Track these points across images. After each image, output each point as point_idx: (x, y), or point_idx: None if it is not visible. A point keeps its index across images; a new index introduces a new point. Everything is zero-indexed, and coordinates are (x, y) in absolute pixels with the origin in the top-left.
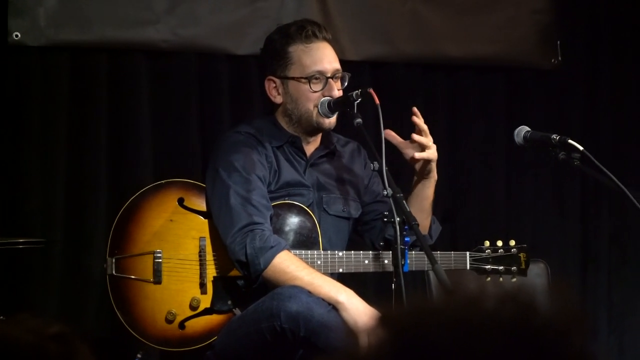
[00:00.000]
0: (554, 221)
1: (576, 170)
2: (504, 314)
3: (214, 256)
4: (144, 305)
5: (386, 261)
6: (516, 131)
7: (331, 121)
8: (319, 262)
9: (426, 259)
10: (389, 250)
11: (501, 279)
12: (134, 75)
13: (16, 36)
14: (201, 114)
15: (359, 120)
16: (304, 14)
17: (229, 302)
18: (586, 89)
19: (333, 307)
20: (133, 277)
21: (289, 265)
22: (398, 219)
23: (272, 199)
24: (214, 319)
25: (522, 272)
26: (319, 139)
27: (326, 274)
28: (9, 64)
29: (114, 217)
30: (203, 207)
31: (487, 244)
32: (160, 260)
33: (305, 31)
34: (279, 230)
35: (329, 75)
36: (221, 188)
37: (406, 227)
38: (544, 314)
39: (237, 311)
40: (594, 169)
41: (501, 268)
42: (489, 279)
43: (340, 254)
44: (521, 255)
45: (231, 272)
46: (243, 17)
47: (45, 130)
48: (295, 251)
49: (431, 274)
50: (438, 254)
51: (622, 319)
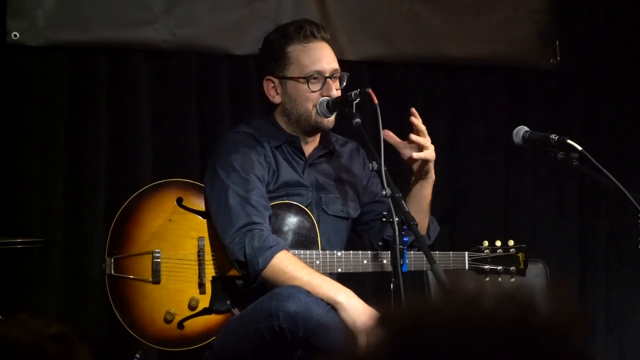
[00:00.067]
0: (552, 221)
1: (575, 170)
2: (502, 314)
3: (212, 256)
4: (142, 305)
5: (385, 261)
6: (515, 131)
7: (330, 121)
8: (317, 262)
9: (425, 259)
10: (387, 250)
11: (500, 279)
12: (133, 75)
13: (15, 36)
14: (200, 114)
15: (358, 120)
16: (302, 13)
17: (228, 302)
18: (585, 89)
19: (332, 307)
20: (132, 277)
21: (288, 265)
22: (397, 219)
23: (271, 199)
24: (212, 319)
25: (521, 272)
26: (317, 138)
27: (325, 273)
28: (8, 64)
29: (113, 217)
30: (202, 207)
31: (486, 244)
32: (159, 260)
33: (303, 31)
34: (277, 230)
35: (327, 75)
36: (220, 188)
37: (405, 227)
38: (542, 314)
39: (236, 311)
40: (592, 169)
41: (500, 268)
42: (487, 279)
43: (339, 253)
44: (520, 255)
45: (230, 272)
46: (242, 17)
47: (45, 131)
48: (294, 251)
49: (430, 274)
50: (437, 254)
51: (621, 319)
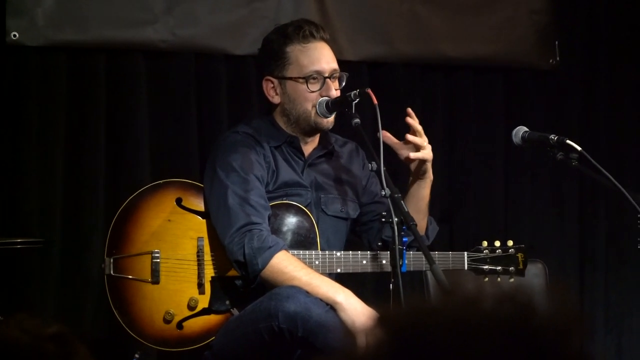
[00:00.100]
0: (552, 221)
1: (574, 170)
2: (502, 314)
3: (212, 256)
4: (141, 305)
5: (384, 261)
6: (514, 131)
7: (329, 121)
8: (317, 262)
9: (424, 259)
10: (386, 251)
11: (499, 279)
12: (132, 75)
13: (14, 36)
14: (199, 114)
15: (357, 120)
16: (301, 14)
17: (227, 302)
18: (584, 89)
19: (331, 307)
20: (131, 277)
21: (287, 266)
22: (396, 219)
23: (270, 199)
24: (212, 319)
25: (520, 273)
26: (317, 139)
27: (324, 274)
28: (7, 64)
29: (112, 217)
30: (201, 207)
31: (485, 244)
32: (158, 261)
33: (302, 31)
34: (277, 231)
35: (326, 75)
36: (219, 188)
37: (404, 227)
38: (541, 314)
39: (235, 311)
40: (591, 169)
41: (499, 268)
42: (486, 279)
43: (338, 254)
44: (519, 255)
45: (229, 272)
46: (241, 18)
47: (44, 131)
48: (293, 251)
49: (429, 274)
50: (436, 254)
51: (620, 319)
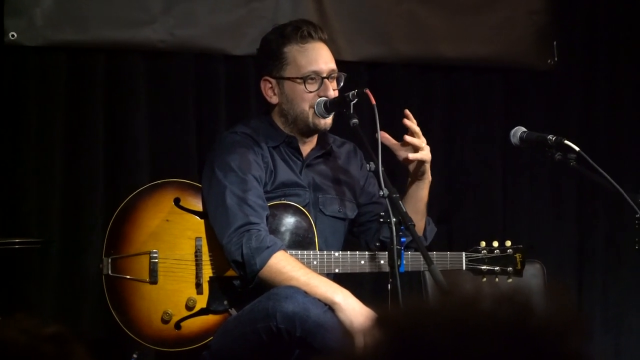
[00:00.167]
0: (550, 222)
1: (572, 170)
2: (500, 315)
3: (210, 256)
4: (140, 305)
5: (382, 262)
6: (512, 132)
7: (327, 122)
8: (315, 263)
9: (422, 259)
10: (384, 251)
11: (497, 279)
12: (131, 75)
13: (13, 36)
14: (198, 114)
15: (355, 120)
16: (300, 14)
17: (225, 303)
18: (583, 89)
19: (329, 307)
20: (129, 277)
21: (285, 266)
22: (394, 219)
23: (268, 199)
24: (210, 319)
25: (518, 273)
26: (315, 139)
27: (322, 274)
28: (6, 64)
29: (111, 217)
30: (199, 207)
31: (483, 244)
32: (156, 261)
33: (300, 31)
34: (275, 231)
35: (324, 75)
36: (217, 188)
37: (402, 228)
38: (540, 314)
39: (233, 311)
40: (590, 170)
41: (497, 269)
42: (485, 279)
43: (337, 254)
44: (517, 255)
45: (227, 273)
46: (240, 18)
47: (42, 131)
48: (291, 251)
49: (427, 274)
50: (434, 254)
51: (618, 319)
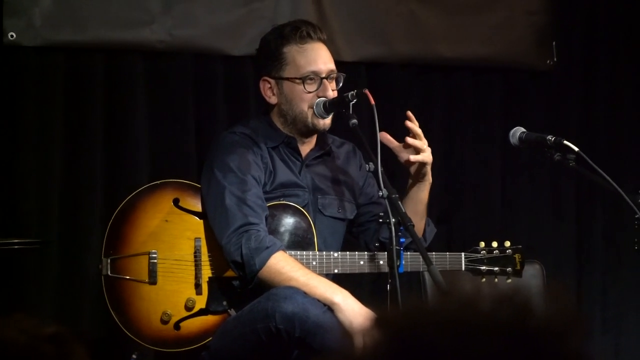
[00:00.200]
0: (549, 222)
1: (571, 171)
2: (499, 315)
3: (209, 257)
4: (139, 305)
5: (381, 262)
6: (511, 132)
7: (326, 122)
8: (314, 263)
9: (421, 260)
10: (383, 252)
11: (496, 280)
12: (129, 75)
13: (11, 36)
14: (197, 114)
15: (355, 121)
16: (299, 14)
17: (224, 303)
18: (582, 89)
19: (328, 308)
20: (128, 277)
21: (284, 266)
22: (393, 219)
23: (268, 200)
24: (209, 319)
25: (517, 273)
26: (314, 139)
27: (321, 274)
28: (5, 64)
29: (110, 217)
30: (198, 207)
31: (482, 244)
32: (155, 261)
33: (299, 32)
34: (274, 231)
35: (323, 75)
36: (216, 188)
37: (401, 228)
38: (539, 315)
39: (233, 312)
40: (589, 170)
41: (496, 269)
42: (484, 280)
43: (336, 254)
44: (516, 256)
45: (226, 273)
46: (239, 18)
47: (41, 131)
48: (290, 252)
49: (426, 275)
50: (433, 254)
51: (618, 320)
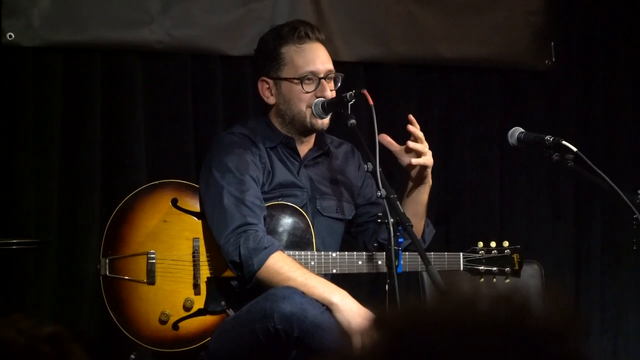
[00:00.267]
0: (548, 222)
1: (570, 171)
2: (498, 315)
3: (207, 257)
4: (137, 305)
5: (380, 262)
6: (510, 132)
7: (324, 122)
8: (312, 263)
9: (420, 260)
10: (382, 252)
11: (494, 280)
12: (128, 76)
13: (10, 37)
14: (195, 114)
15: (353, 121)
16: (298, 14)
17: (223, 303)
18: (580, 90)
19: (327, 308)
20: (127, 277)
21: (283, 266)
22: (392, 220)
23: (266, 200)
24: (207, 319)
25: (516, 273)
26: (312, 139)
27: (320, 274)
28: (3, 64)
29: (108, 217)
30: (197, 207)
31: (481, 244)
32: (153, 261)
33: (297, 32)
34: (272, 231)
35: (321, 75)
36: (215, 189)
37: (400, 228)
38: (538, 315)
39: (231, 312)
40: (587, 170)
41: (494, 269)
42: (482, 280)
43: (334, 254)
44: (514, 256)
45: (225, 273)
46: (237, 18)
47: (39, 131)
48: (288, 252)
49: (425, 275)
50: (432, 254)
51: (616, 320)
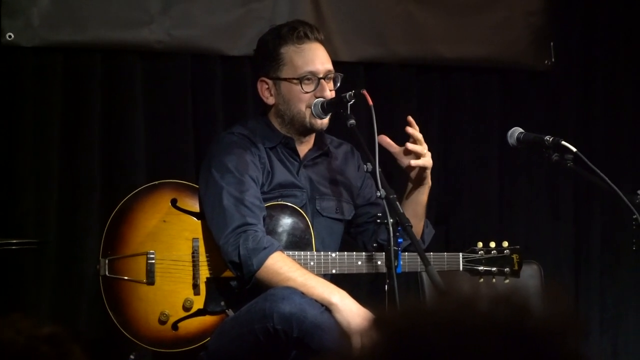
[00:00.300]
0: (547, 222)
1: (569, 171)
2: (497, 316)
3: (207, 257)
4: (137, 306)
5: (379, 262)
6: (509, 132)
7: (323, 122)
8: (312, 263)
9: (419, 260)
10: (382, 252)
11: (494, 280)
12: (128, 76)
13: (9, 37)
14: (195, 114)
15: (353, 121)
16: (297, 15)
17: (222, 303)
18: (580, 90)
19: (326, 308)
20: (126, 278)
21: (282, 267)
22: (391, 220)
23: (265, 200)
24: (207, 320)
25: (515, 274)
26: (312, 139)
27: (319, 275)
28: (3, 64)
29: (107, 218)
30: (196, 208)
31: (480, 245)
32: (153, 261)
33: (297, 32)
34: (272, 232)
35: (320, 76)
36: (214, 189)
37: (399, 229)
38: (537, 315)
39: (230, 312)
40: (587, 171)
41: (494, 269)
42: (482, 280)
43: (334, 255)
44: (514, 256)
45: (224, 273)
46: (237, 18)
47: (39, 131)
48: (288, 252)
49: (424, 275)
50: (431, 255)
51: (615, 320)
